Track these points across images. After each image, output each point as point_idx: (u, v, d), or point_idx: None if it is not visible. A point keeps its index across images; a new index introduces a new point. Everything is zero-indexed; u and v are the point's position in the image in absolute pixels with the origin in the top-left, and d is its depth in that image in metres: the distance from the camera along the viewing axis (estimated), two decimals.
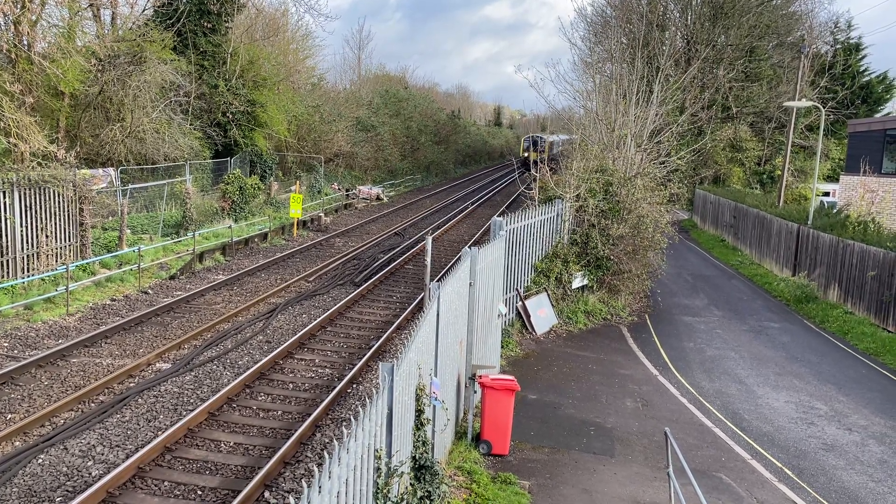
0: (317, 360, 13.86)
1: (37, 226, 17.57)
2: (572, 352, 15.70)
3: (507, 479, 9.38)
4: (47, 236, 17.86)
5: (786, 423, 12.61)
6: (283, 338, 15.01)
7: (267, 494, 8.84)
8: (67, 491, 8.63)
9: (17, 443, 9.78)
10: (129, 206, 23.61)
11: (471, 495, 8.78)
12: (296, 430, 10.38)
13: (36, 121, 20.07)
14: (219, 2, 31.67)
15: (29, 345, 13.81)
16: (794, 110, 31.94)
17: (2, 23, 20.16)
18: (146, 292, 18.34)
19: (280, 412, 11.31)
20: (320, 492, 4.40)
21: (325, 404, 11.34)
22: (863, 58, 50.07)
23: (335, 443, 5.05)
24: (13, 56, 20.04)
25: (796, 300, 22.04)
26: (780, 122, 45.46)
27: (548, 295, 17.32)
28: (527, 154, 66.54)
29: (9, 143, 18.86)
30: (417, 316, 7.39)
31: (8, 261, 16.81)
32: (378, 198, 41.19)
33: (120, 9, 27.05)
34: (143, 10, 29.24)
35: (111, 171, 25.13)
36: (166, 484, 8.89)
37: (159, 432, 10.26)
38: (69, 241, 18.70)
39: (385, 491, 5.75)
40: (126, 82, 24.63)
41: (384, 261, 23.42)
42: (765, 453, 11.28)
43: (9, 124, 18.77)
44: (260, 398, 11.87)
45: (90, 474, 9.03)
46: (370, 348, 14.49)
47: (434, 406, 7.84)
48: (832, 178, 44.22)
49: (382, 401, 5.85)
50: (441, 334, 8.48)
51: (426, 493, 6.65)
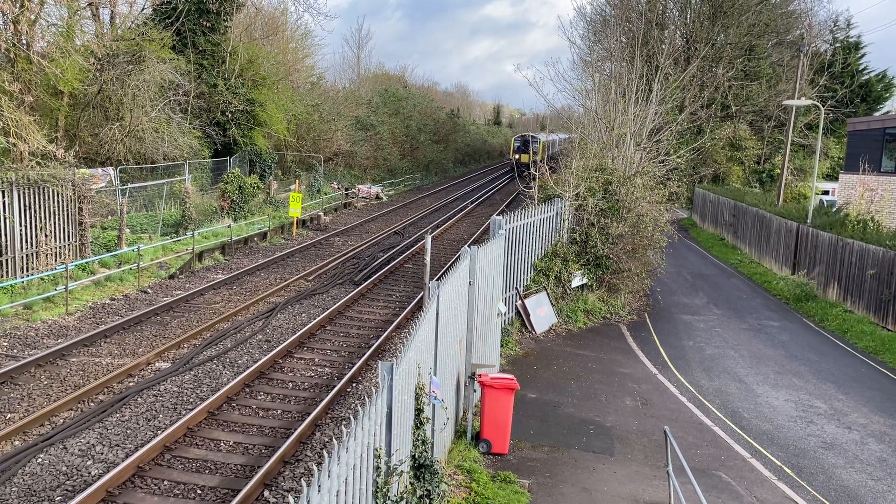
0: (316, 360, 13.86)
1: (36, 225, 17.57)
2: (572, 350, 15.70)
3: (506, 478, 9.39)
4: (46, 236, 17.85)
5: (785, 421, 12.62)
6: (283, 337, 15.01)
7: (266, 493, 8.84)
8: (67, 490, 8.63)
9: (17, 442, 9.79)
10: (128, 205, 23.59)
11: (470, 494, 8.78)
12: (295, 429, 10.39)
13: (35, 120, 20.07)
14: (218, 1, 31.63)
15: (28, 344, 13.80)
16: (794, 109, 31.93)
17: (1, 22, 20.15)
18: (145, 291, 18.33)
19: (279, 411, 11.31)
20: (320, 491, 4.40)
21: (325, 403, 11.35)
22: (862, 56, 50.12)
23: (335, 442, 5.05)
24: (12, 55, 20.03)
25: (796, 299, 22.05)
26: (780, 121, 45.46)
27: (547, 294, 17.32)
28: (518, 156, 60.13)
29: (8, 142, 18.86)
30: (417, 315, 7.38)
31: (7, 260, 16.81)
32: (377, 197, 41.17)
33: (119, 8, 27.09)
34: (142, 9, 29.21)
35: (110, 170, 25.12)
36: (166, 483, 8.89)
37: (159, 431, 10.26)
38: (68, 240, 18.70)
39: (385, 490, 5.75)
40: (125, 81, 24.62)
41: (383, 260, 23.42)
42: (764, 452, 11.29)
43: (8, 123, 18.76)
44: (259, 397, 11.87)
45: (90, 473, 9.03)
46: (370, 347, 14.50)
47: (433, 405, 7.84)
48: (831, 176, 44.24)
49: (382, 400, 5.85)
50: (440, 333, 8.48)
51: (426, 492, 6.65)
